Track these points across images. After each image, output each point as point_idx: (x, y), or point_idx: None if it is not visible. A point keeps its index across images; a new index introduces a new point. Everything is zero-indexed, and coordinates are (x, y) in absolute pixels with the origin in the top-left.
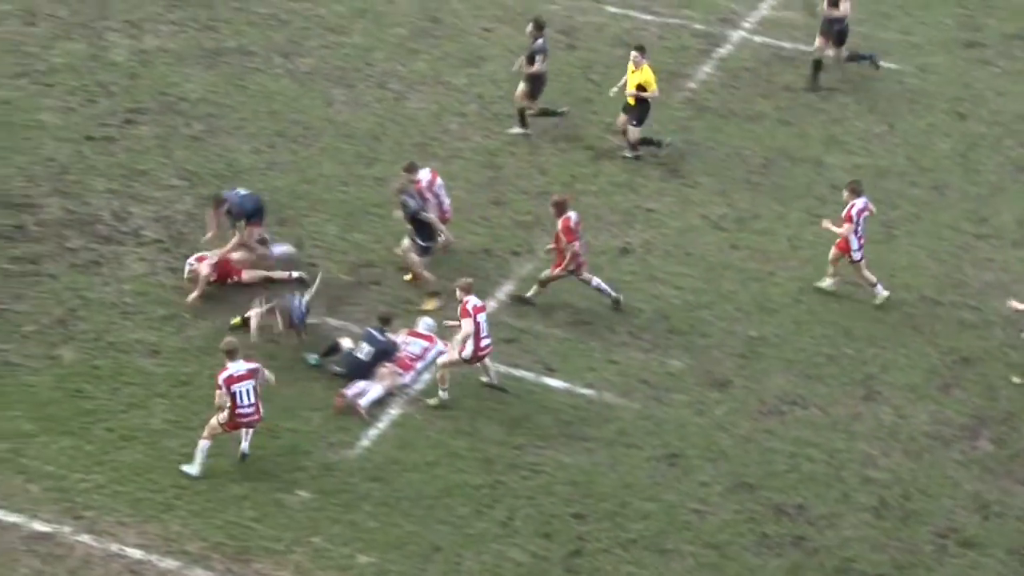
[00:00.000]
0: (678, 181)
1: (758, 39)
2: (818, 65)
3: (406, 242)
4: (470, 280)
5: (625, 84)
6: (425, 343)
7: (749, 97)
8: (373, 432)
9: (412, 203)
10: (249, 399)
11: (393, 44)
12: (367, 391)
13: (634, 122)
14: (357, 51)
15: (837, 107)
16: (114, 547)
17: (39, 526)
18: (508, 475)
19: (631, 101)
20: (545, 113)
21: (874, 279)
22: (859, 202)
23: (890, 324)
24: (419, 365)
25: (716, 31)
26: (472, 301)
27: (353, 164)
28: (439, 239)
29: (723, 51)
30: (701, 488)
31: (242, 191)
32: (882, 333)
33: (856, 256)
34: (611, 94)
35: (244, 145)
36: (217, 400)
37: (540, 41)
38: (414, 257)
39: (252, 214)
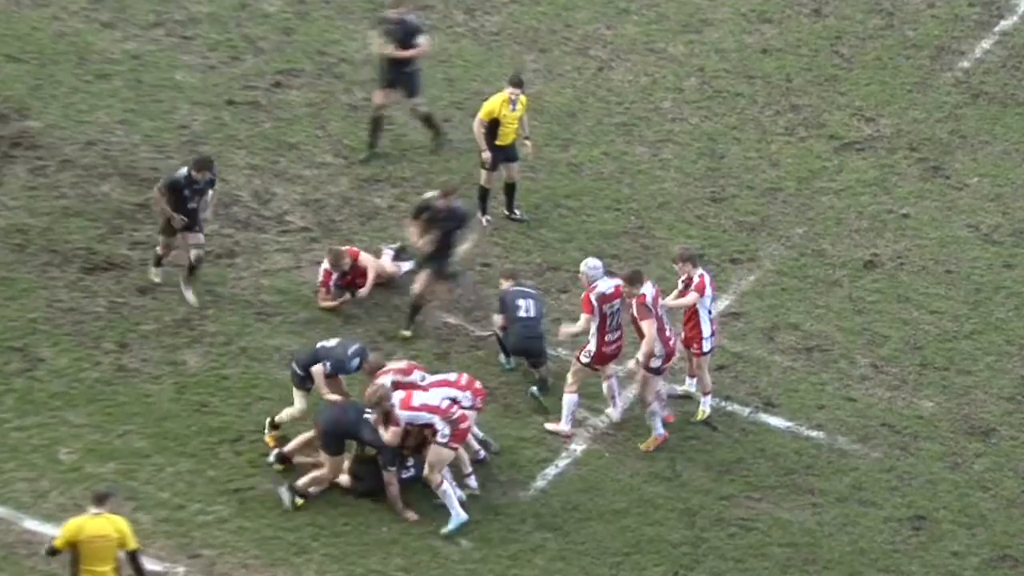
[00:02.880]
0: (942, 181)
1: None
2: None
3: None
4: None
5: (522, 124)
6: None
7: None
8: (551, 471)
9: None
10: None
11: (599, 2)
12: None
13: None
14: (555, 9)
15: None
16: None
17: (148, 564)
18: (713, 531)
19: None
20: None
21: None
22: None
23: None
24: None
25: None
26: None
27: (544, 146)
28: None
29: (1007, 23)
30: (952, 559)
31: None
32: None
33: (706, 346)
34: (527, 151)
35: (414, 118)
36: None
37: None
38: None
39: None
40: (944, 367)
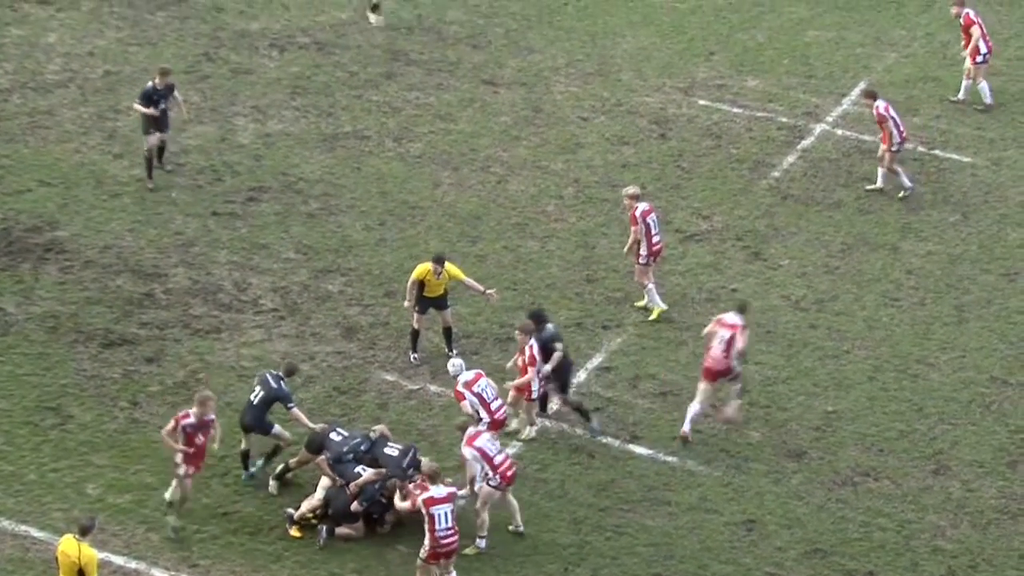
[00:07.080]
0: (761, 263)
1: (839, 132)
2: None
3: None
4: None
5: (465, 286)
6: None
7: (829, 186)
8: (468, 492)
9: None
10: (448, 522)
11: (497, 131)
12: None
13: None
14: (463, 137)
15: (913, 197)
16: None
17: (158, 573)
18: (594, 536)
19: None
20: None
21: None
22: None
23: (961, 403)
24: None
25: (800, 124)
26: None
27: (457, 242)
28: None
29: (806, 142)
30: (777, 553)
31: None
32: (952, 411)
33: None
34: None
35: (356, 222)
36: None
37: None
38: None
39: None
40: (767, 405)
